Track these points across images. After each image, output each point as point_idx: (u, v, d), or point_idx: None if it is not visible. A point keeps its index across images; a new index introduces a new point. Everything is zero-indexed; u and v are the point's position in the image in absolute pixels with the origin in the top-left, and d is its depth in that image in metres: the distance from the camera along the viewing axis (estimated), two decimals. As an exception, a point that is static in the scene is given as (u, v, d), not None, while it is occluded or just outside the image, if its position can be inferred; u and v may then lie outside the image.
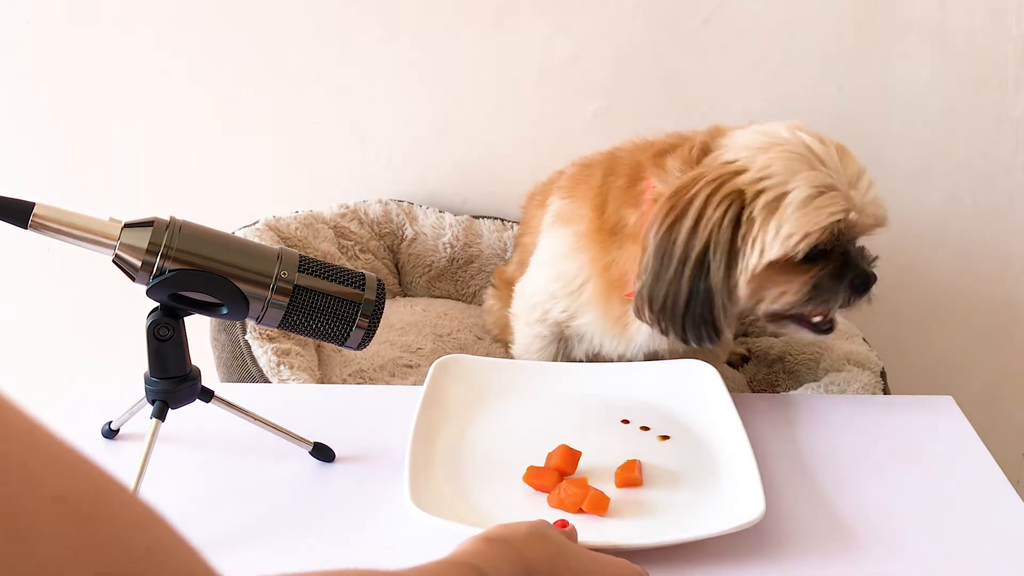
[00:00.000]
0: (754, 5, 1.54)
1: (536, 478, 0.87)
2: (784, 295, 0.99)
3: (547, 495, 0.86)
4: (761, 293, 0.99)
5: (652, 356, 1.13)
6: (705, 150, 1.05)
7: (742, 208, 0.95)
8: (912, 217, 1.67)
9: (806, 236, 0.94)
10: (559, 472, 0.88)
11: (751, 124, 1.07)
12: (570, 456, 0.89)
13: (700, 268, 0.96)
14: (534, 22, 1.56)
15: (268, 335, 1.29)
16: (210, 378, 0.91)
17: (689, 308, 0.97)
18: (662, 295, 0.97)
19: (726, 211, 0.95)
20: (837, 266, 0.99)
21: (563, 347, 1.19)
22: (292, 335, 1.33)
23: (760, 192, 0.95)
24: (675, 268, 0.96)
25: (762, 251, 0.95)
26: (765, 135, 1.01)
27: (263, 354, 1.25)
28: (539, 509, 0.84)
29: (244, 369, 1.26)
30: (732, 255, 0.96)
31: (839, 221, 0.95)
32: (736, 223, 0.95)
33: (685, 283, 0.96)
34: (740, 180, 0.96)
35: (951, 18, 1.54)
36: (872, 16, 1.54)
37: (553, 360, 1.19)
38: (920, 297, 1.72)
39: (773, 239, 0.95)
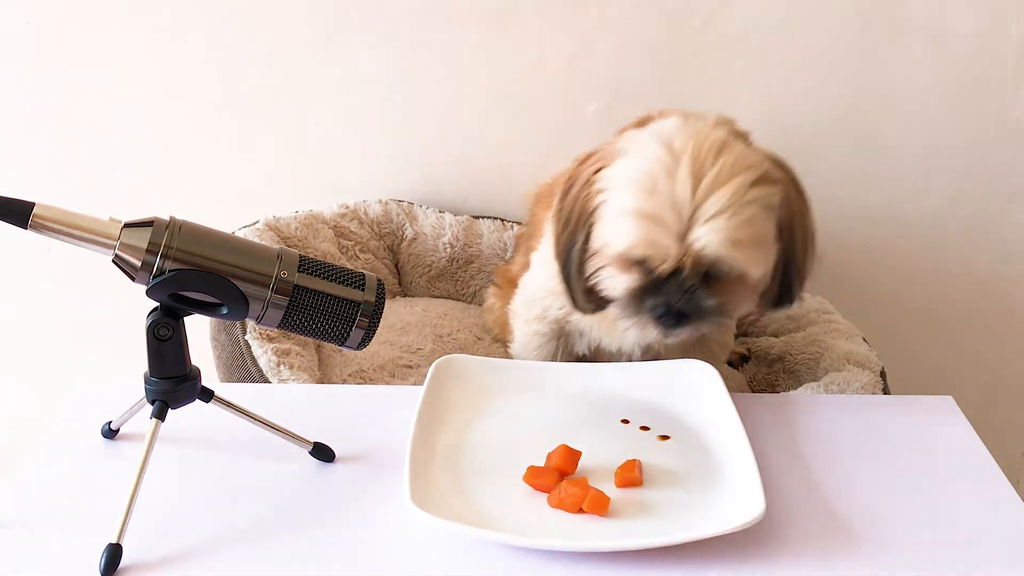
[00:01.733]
0: (754, 5, 1.54)
1: (536, 478, 0.87)
2: (612, 286, 1.00)
3: (547, 495, 0.86)
4: (601, 276, 1.01)
5: (648, 351, 1.13)
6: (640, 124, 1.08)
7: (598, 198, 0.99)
8: (912, 217, 1.67)
9: (611, 249, 0.97)
10: (559, 472, 0.88)
11: (680, 112, 1.06)
12: (570, 456, 0.89)
13: (572, 238, 1.02)
14: (534, 22, 1.56)
15: (268, 335, 1.29)
16: (210, 378, 0.92)
17: (568, 273, 1.03)
18: (560, 261, 1.04)
19: (587, 197, 1.00)
20: (650, 285, 0.97)
21: (564, 344, 1.20)
22: (292, 335, 1.33)
23: (604, 192, 0.98)
24: (559, 235, 1.03)
25: (596, 242, 0.99)
26: (651, 135, 0.99)
27: (263, 354, 1.25)
28: (539, 509, 0.85)
29: (244, 369, 1.26)
30: (588, 235, 1.00)
31: (642, 252, 0.95)
32: (594, 210, 1.00)
33: (563, 251, 1.03)
34: (603, 173, 0.99)
35: (951, 18, 1.54)
36: (872, 16, 1.54)
37: (552, 359, 1.19)
38: (920, 297, 1.72)
39: (598, 238, 0.98)
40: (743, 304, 1.00)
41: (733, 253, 0.92)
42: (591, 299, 1.03)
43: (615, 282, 0.99)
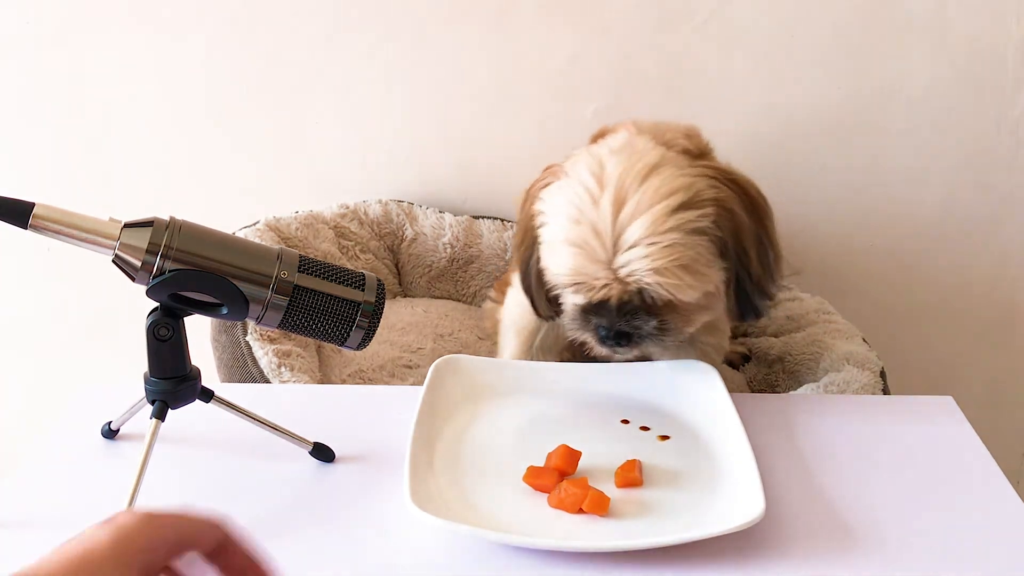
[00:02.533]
0: (754, 5, 1.54)
1: (536, 478, 0.87)
2: (564, 302, 1.01)
3: (547, 495, 0.86)
4: (555, 291, 1.03)
5: (640, 355, 1.14)
6: (597, 137, 1.12)
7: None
8: (912, 217, 1.67)
9: (549, 273, 0.99)
10: (559, 472, 0.88)
11: (624, 130, 1.08)
12: (570, 456, 0.89)
13: (528, 252, 1.05)
14: (534, 22, 1.56)
15: (269, 336, 1.29)
16: (211, 379, 0.92)
17: (528, 284, 1.05)
18: (520, 271, 1.07)
19: (532, 217, 1.02)
20: (591, 306, 0.98)
21: (555, 342, 1.21)
22: (293, 336, 1.33)
23: (542, 215, 1.01)
24: (517, 247, 1.07)
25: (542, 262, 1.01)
26: (586, 159, 1.00)
27: (264, 355, 1.25)
28: (539, 509, 0.85)
29: (245, 370, 1.26)
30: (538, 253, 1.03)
31: (574, 280, 0.97)
32: (538, 230, 1.02)
33: (522, 262, 1.06)
34: (544, 193, 1.01)
35: (951, 18, 1.54)
36: (872, 16, 1.54)
37: None
38: (920, 297, 1.72)
39: (542, 260, 1.01)
40: (688, 324, 1.00)
41: (657, 279, 0.93)
42: (552, 307, 1.05)
43: (565, 299, 1.01)
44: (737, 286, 0.99)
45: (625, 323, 0.97)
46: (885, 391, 1.30)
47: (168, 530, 0.61)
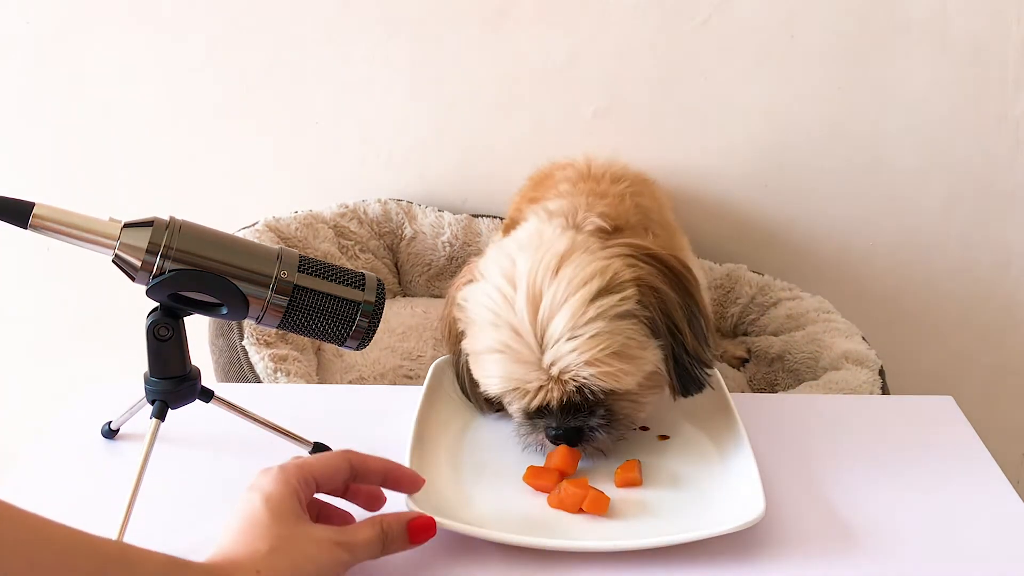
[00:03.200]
0: (754, 5, 1.54)
1: (536, 478, 0.87)
2: (509, 408, 0.96)
3: (547, 495, 0.86)
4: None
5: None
6: (509, 226, 1.08)
7: None
8: (912, 217, 1.67)
9: (482, 386, 0.94)
10: (559, 472, 0.88)
11: (534, 216, 1.04)
12: (570, 456, 0.89)
13: (456, 355, 0.99)
14: (534, 22, 1.56)
15: (265, 341, 1.29)
16: (208, 382, 0.91)
17: (462, 384, 1.00)
18: (454, 370, 1.01)
19: (454, 322, 0.97)
20: (534, 410, 0.93)
21: None
22: (290, 340, 1.33)
23: (461, 322, 0.96)
24: (448, 346, 1.02)
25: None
26: (496, 257, 0.96)
27: (260, 360, 1.25)
28: (539, 509, 0.85)
29: (241, 375, 1.26)
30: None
31: (507, 389, 0.92)
32: (460, 336, 0.97)
33: (454, 363, 1.01)
34: (461, 296, 0.96)
35: (951, 18, 1.54)
36: (872, 16, 1.54)
37: None
38: (920, 297, 1.72)
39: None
40: (639, 408, 0.95)
41: (591, 371, 0.89)
42: (492, 406, 1.00)
43: (509, 407, 0.95)
44: (675, 362, 0.95)
45: (572, 420, 0.91)
46: (884, 389, 1.30)
47: (305, 474, 0.73)
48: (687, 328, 0.95)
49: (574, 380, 0.89)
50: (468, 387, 0.99)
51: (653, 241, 1.04)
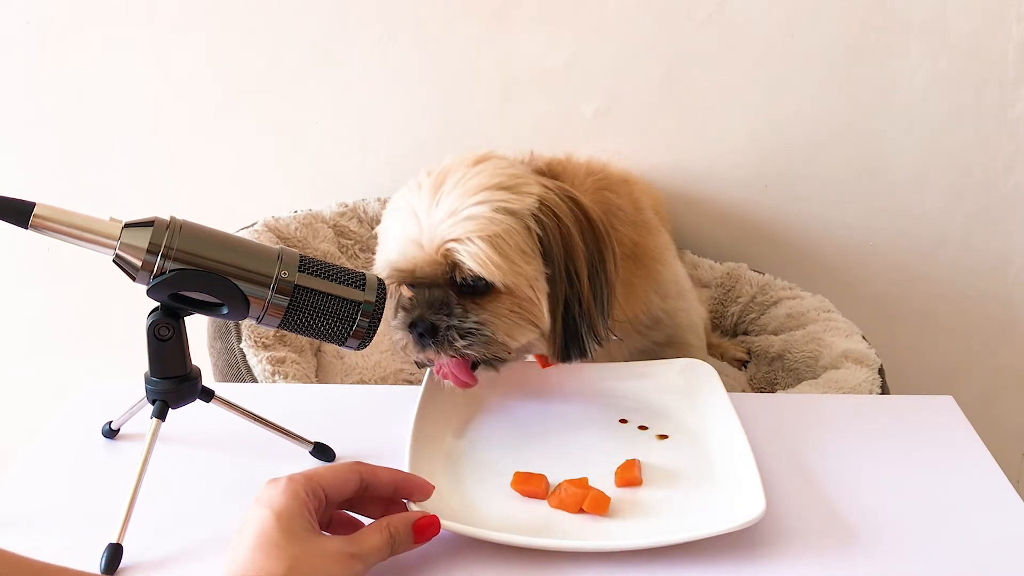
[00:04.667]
0: (754, 5, 1.54)
1: (524, 484, 0.87)
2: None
3: (547, 495, 0.86)
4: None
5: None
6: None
7: None
8: (912, 217, 1.67)
9: (376, 267, 0.98)
10: (543, 480, 0.87)
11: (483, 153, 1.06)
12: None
13: None
14: (534, 22, 1.56)
15: (263, 343, 1.29)
16: (207, 384, 0.91)
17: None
18: None
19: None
20: (409, 303, 0.95)
21: None
22: (288, 342, 1.33)
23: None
24: None
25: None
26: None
27: (258, 363, 1.25)
28: (539, 509, 0.85)
29: (239, 377, 1.26)
30: None
31: (390, 262, 0.96)
32: None
33: None
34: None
35: (951, 18, 1.54)
36: (872, 16, 1.54)
37: None
38: (920, 297, 1.72)
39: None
40: (508, 333, 0.95)
41: (459, 247, 0.91)
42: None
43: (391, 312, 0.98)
44: (566, 315, 0.96)
45: (434, 315, 0.93)
46: (884, 388, 1.30)
47: (314, 486, 0.73)
48: (588, 282, 0.96)
49: (445, 256, 0.92)
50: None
51: (616, 232, 1.05)
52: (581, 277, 0.96)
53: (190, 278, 0.78)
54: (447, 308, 0.94)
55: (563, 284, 0.95)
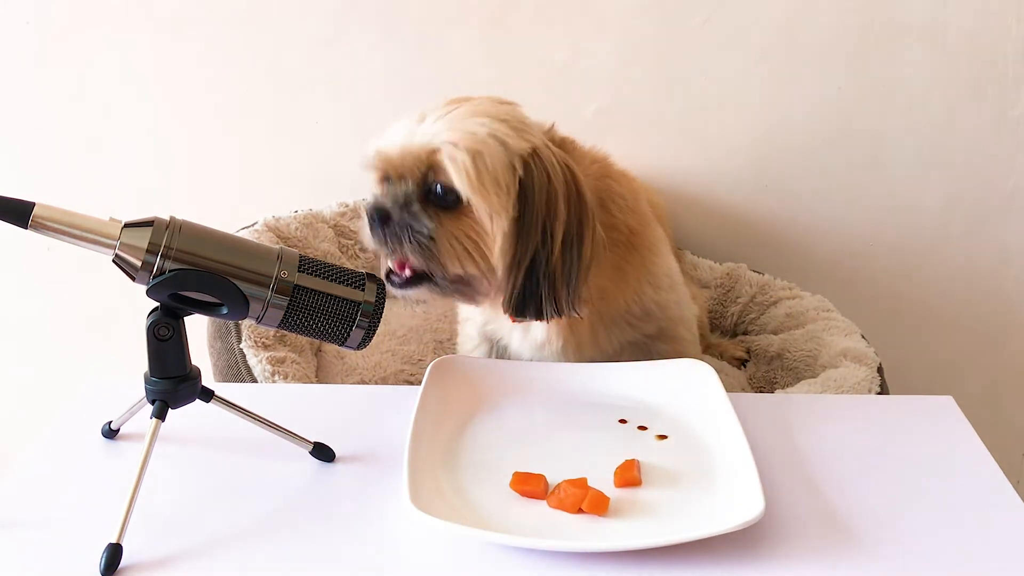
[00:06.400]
0: (754, 5, 1.54)
1: (523, 484, 0.87)
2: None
3: (546, 496, 0.86)
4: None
5: (561, 353, 1.14)
6: None
7: None
8: (912, 217, 1.67)
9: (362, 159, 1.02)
10: (543, 479, 0.87)
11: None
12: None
13: None
14: (534, 22, 1.56)
15: (263, 343, 1.29)
16: (206, 384, 0.91)
17: None
18: None
19: None
20: (381, 204, 1.00)
21: (494, 348, 1.23)
22: (288, 343, 1.33)
23: None
24: None
25: None
26: None
27: (257, 363, 1.25)
28: (539, 509, 0.85)
29: (239, 378, 1.26)
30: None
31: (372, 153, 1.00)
32: None
33: None
34: None
35: (951, 18, 1.54)
36: (872, 16, 1.54)
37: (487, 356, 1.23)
38: (920, 297, 1.72)
39: None
40: (458, 250, 0.98)
41: (450, 153, 0.94)
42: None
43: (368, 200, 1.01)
44: (530, 271, 0.97)
45: (396, 209, 0.98)
46: (883, 386, 1.30)
47: None
48: (559, 246, 0.97)
49: (428, 155, 0.95)
50: None
51: (612, 217, 1.07)
52: (555, 239, 0.97)
53: (190, 278, 0.78)
54: (409, 207, 0.98)
55: (535, 239, 0.97)
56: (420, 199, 0.98)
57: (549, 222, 0.96)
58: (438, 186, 0.97)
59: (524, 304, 0.99)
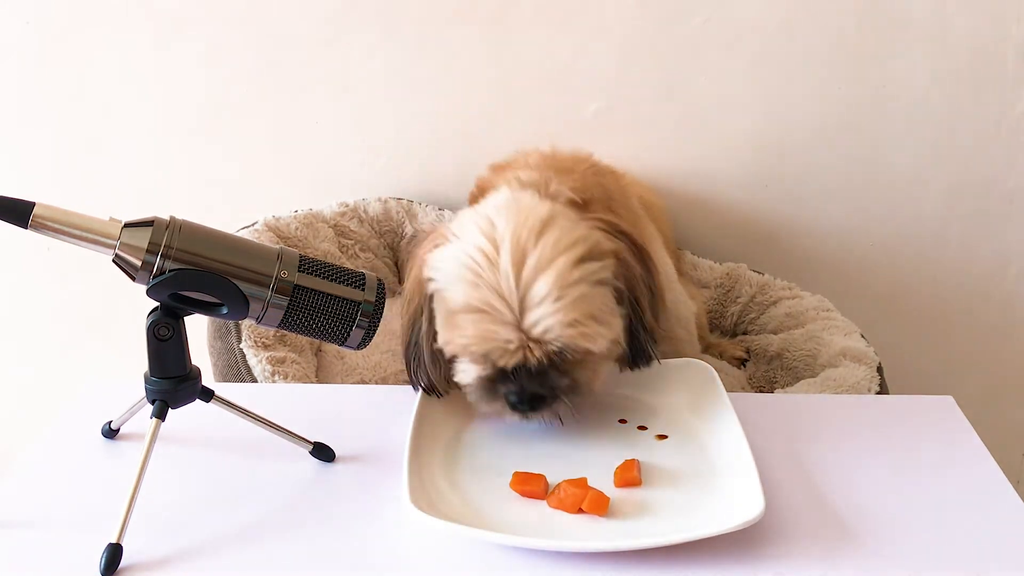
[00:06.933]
0: (754, 5, 1.54)
1: (523, 484, 0.87)
2: (463, 377, 0.95)
3: (546, 496, 0.86)
4: (451, 365, 0.96)
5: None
6: (477, 195, 1.08)
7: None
8: (912, 217, 1.67)
9: (451, 346, 0.92)
10: (543, 478, 0.87)
11: (505, 186, 1.02)
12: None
13: (414, 323, 0.98)
14: (534, 22, 1.56)
15: (263, 343, 1.29)
16: (207, 384, 0.91)
17: (410, 357, 0.99)
18: (403, 345, 1.01)
19: (421, 283, 0.96)
20: (496, 374, 0.93)
21: None
22: (288, 343, 1.33)
23: (434, 282, 0.94)
24: (404, 318, 1.00)
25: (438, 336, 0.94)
26: (475, 218, 0.95)
27: (257, 363, 1.25)
28: (539, 509, 0.85)
29: (239, 378, 1.26)
30: (431, 321, 0.96)
31: (481, 349, 0.91)
32: (430, 298, 0.96)
33: (406, 333, 1.00)
34: (433, 257, 0.95)
35: (951, 18, 1.54)
36: (872, 16, 1.54)
37: None
38: (920, 297, 1.72)
39: (438, 333, 0.94)
40: (596, 376, 0.96)
41: (570, 333, 0.89)
42: (448, 382, 0.99)
43: (465, 374, 0.95)
44: (630, 335, 0.97)
45: (538, 385, 0.92)
46: (882, 386, 1.30)
47: None
48: (647, 303, 0.98)
49: (555, 341, 0.90)
50: (426, 357, 0.97)
51: (617, 219, 1.06)
52: (642, 302, 0.98)
53: (190, 278, 0.78)
54: (546, 376, 0.92)
55: (628, 312, 0.97)
56: (549, 365, 0.93)
57: (636, 297, 0.97)
58: (569, 350, 0.92)
59: (636, 359, 0.99)
